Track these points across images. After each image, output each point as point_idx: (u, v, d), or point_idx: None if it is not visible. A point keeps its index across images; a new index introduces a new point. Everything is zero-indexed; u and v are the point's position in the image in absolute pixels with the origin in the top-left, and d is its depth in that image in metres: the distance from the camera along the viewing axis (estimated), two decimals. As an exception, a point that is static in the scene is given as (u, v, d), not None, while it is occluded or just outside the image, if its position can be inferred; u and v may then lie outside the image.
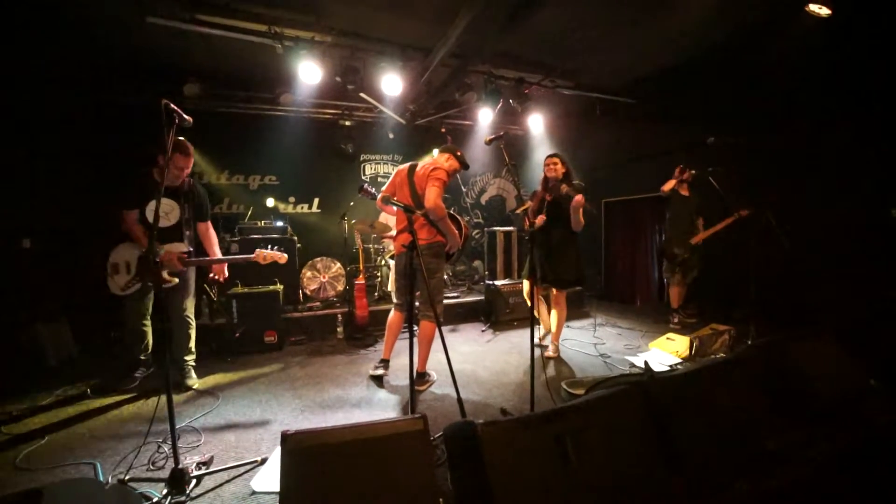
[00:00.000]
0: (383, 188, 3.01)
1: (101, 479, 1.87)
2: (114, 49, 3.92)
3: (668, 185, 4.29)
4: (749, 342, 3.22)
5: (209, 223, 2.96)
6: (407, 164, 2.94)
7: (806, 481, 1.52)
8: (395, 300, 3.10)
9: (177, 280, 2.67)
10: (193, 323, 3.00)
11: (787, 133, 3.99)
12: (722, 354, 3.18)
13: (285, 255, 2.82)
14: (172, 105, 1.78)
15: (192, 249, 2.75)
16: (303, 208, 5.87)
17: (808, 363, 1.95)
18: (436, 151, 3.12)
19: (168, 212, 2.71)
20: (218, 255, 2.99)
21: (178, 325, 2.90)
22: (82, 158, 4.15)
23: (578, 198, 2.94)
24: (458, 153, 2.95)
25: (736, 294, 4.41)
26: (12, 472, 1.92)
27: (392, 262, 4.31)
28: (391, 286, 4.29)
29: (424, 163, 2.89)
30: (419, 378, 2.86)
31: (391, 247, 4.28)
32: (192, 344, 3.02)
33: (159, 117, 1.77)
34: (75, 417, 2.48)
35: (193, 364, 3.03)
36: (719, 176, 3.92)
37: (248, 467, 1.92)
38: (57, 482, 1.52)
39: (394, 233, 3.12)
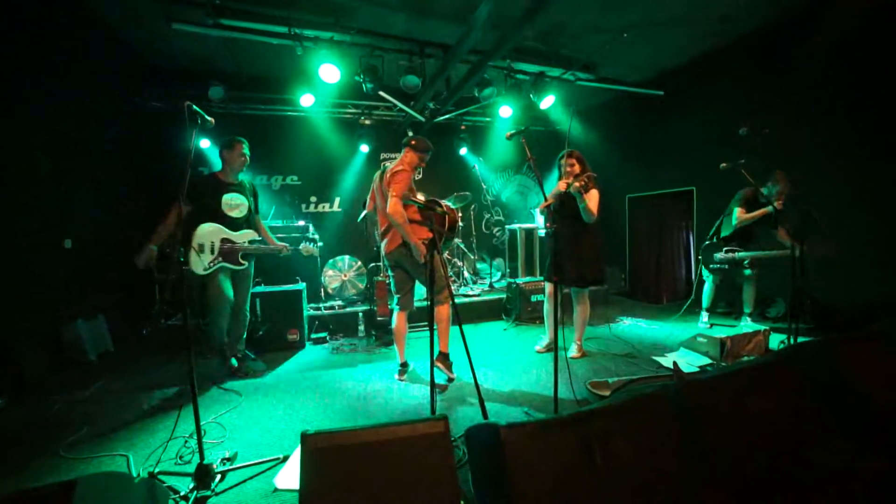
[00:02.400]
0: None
1: (133, 470, 1.94)
2: (141, 55, 4.07)
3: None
4: (787, 343, 3.04)
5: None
6: (379, 171, 2.99)
7: (859, 498, 1.40)
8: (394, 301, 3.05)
9: (246, 264, 3.03)
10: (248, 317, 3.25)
11: (825, 124, 3.75)
12: (756, 356, 3.01)
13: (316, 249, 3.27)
14: (195, 107, 1.85)
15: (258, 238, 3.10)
16: (324, 207, 5.94)
17: (858, 367, 1.80)
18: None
19: (238, 204, 3.02)
20: (274, 241, 3.22)
21: (239, 318, 3.13)
22: (114, 162, 4.31)
23: (561, 184, 3.06)
24: (414, 142, 2.93)
25: (771, 293, 4.19)
26: (58, 459, 2.04)
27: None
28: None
29: (389, 166, 2.89)
30: (444, 357, 2.92)
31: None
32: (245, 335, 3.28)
33: (184, 120, 1.85)
34: (112, 409, 2.59)
35: (246, 353, 3.30)
36: (750, 168, 3.72)
37: (270, 464, 1.94)
38: (90, 475, 1.58)
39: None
